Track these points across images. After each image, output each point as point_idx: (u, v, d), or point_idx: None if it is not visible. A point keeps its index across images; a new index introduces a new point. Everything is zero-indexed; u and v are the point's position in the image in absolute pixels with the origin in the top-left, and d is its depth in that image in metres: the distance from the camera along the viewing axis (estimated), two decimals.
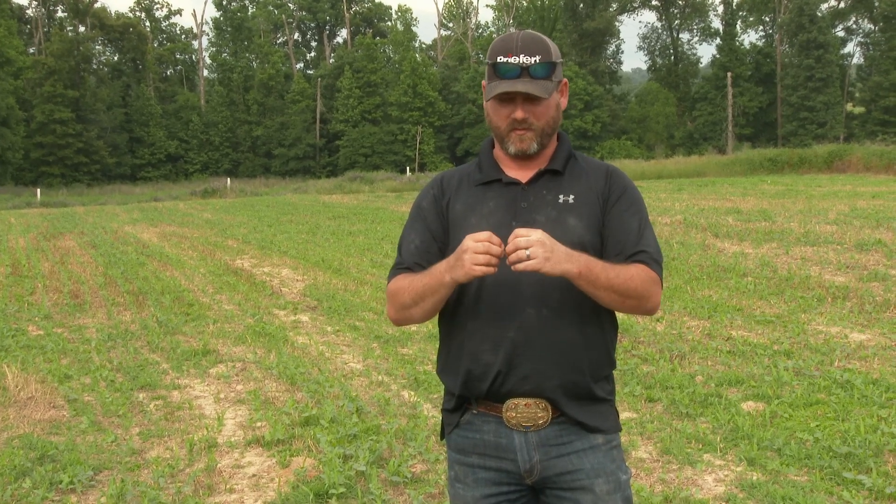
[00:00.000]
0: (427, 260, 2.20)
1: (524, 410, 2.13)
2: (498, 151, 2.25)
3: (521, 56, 2.08)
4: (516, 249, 1.93)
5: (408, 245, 2.26)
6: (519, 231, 1.95)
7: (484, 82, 2.18)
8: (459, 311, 2.17)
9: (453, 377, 2.21)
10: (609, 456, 2.19)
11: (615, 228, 2.16)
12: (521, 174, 2.21)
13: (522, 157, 2.19)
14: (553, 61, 2.11)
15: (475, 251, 1.95)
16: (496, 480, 2.20)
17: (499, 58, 2.10)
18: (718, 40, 64.09)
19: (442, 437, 2.32)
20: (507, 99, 2.12)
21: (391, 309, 2.23)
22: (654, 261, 2.13)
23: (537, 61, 2.09)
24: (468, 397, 2.20)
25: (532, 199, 2.17)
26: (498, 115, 2.16)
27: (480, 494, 2.20)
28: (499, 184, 2.21)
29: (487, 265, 1.95)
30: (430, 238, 2.23)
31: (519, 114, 2.12)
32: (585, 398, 2.16)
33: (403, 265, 2.24)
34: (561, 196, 2.18)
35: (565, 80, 2.21)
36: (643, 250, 2.14)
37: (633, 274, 2.07)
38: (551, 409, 2.14)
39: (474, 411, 2.20)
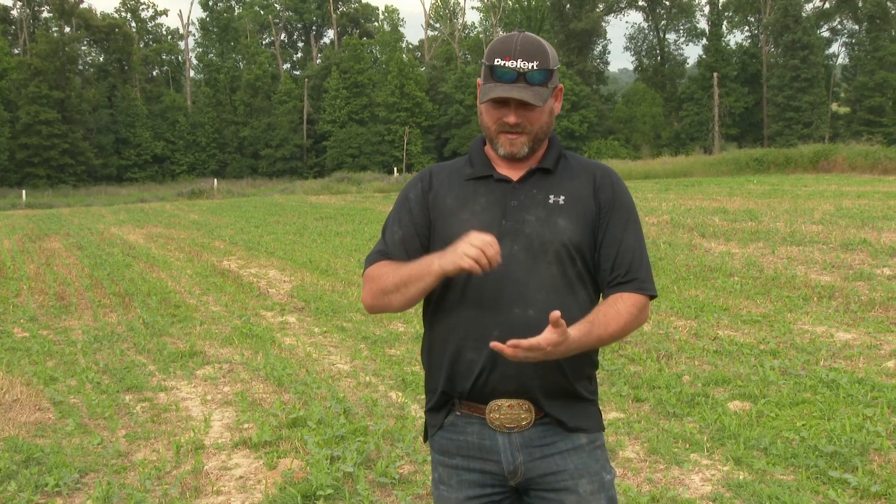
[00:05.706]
0: (409, 252, 2.19)
1: (507, 412, 2.13)
2: (489, 150, 2.24)
3: (519, 60, 2.07)
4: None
5: (392, 235, 2.25)
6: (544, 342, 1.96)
7: (479, 80, 2.16)
8: (443, 306, 2.17)
9: (437, 372, 2.20)
10: (593, 456, 2.20)
11: (609, 245, 2.17)
12: (512, 172, 2.20)
13: (512, 159, 2.19)
14: (550, 68, 2.11)
15: (472, 244, 1.96)
16: (480, 482, 2.19)
17: (496, 60, 2.09)
18: (705, 41, 64.25)
19: (425, 438, 2.31)
20: (501, 102, 2.11)
21: (368, 294, 2.21)
22: (643, 287, 2.16)
23: (535, 67, 2.08)
24: (451, 395, 2.19)
25: (522, 197, 2.17)
26: (490, 117, 2.15)
27: (464, 496, 2.20)
28: (490, 180, 2.20)
29: (476, 260, 1.95)
30: (413, 232, 2.22)
31: (512, 118, 2.11)
32: (568, 397, 2.17)
33: (386, 252, 2.23)
34: (551, 196, 2.17)
35: (560, 85, 2.20)
36: (635, 278, 2.16)
37: (619, 311, 2.11)
38: (534, 409, 2.14)
39: (458, 413, 2.20)
